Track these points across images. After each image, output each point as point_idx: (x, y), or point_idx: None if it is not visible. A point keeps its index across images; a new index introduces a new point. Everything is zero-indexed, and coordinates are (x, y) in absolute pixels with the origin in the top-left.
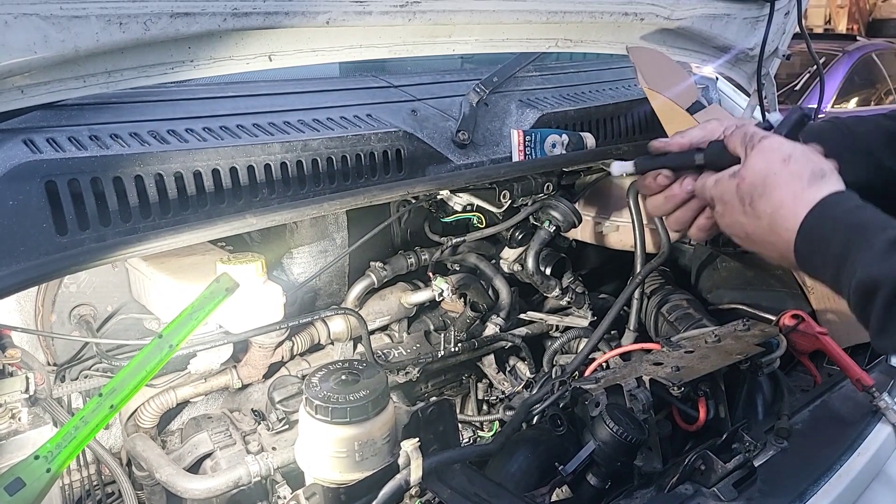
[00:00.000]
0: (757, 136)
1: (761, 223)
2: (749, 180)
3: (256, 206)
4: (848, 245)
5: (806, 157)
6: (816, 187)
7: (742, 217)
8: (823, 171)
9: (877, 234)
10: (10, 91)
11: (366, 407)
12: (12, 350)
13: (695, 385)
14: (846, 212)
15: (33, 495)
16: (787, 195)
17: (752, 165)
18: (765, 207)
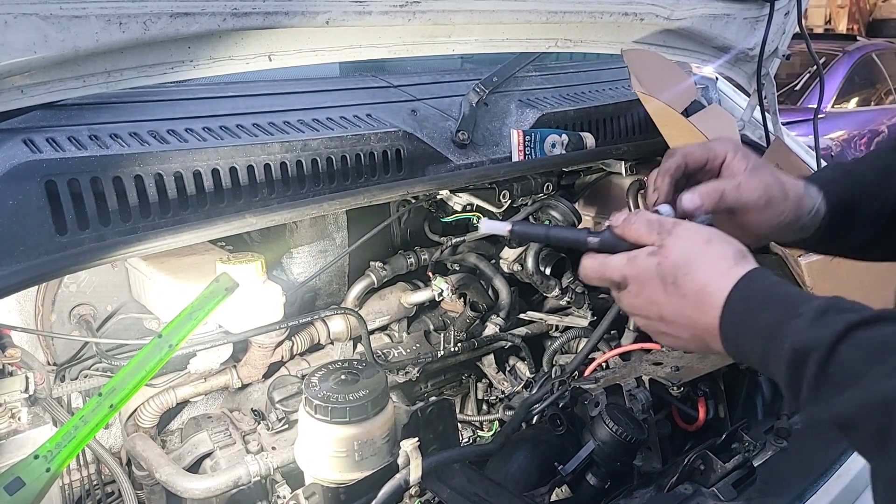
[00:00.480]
0: (668, 222)
1: (686, 301)
2: (672, 259)
3: (256, 205)
4: (776, 315)
5: (725, 240)
6: (741, 265)
7: (662, 296)
8: (744, 251)
9: (804, 303)
10: (10, 91)
11: (365, 407)
12: (12, 350)
13: (694, 385)
14: (771, 285)
15: (33, 495)
16: (713, 272)
17: (673, 246)
18: (691, 286)
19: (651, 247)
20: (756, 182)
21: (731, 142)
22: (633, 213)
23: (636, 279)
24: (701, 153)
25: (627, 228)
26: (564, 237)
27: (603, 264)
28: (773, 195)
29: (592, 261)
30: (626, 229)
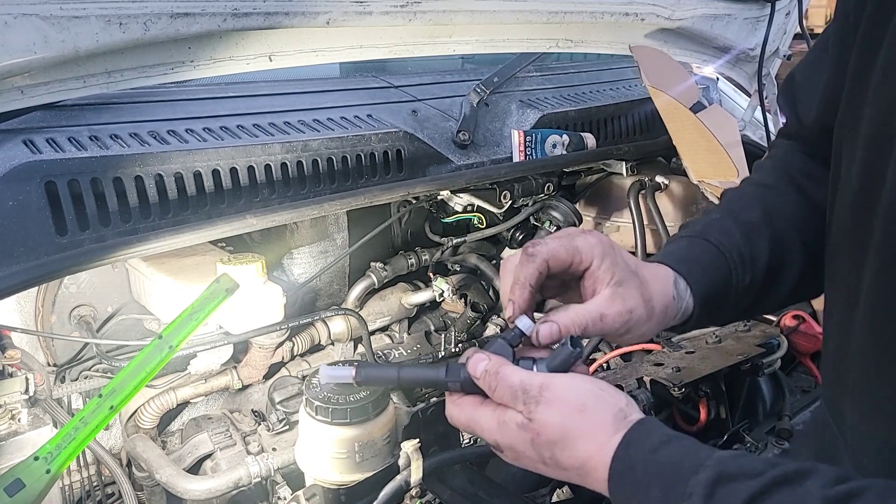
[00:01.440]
0: (534, 387)
1: (569, 473)
2: (545, 436)
3: (257, 206)
4: (664, 493)
5: (601, 401)
6: (621, 429)
7: (543, 467)
8: (622, 409)
9: (691, 477)
10: (10, 91)
11: (366, 408)
12: (12, 351)
13: (696, 386)
14: (653, 451)
15: (33, 496)
16: (592, 447)
17: (545, 420)
18: (570, 462)
19: (520, 416)
20: (619, 308)
21: (598, 243)
22: (493, 368)
23: (510, 448)
24: (565, 255)
25: (489, 389)
26: (418, 378)
27: (472, 420)
28: (637, 319)
29: (459, 411)
30: (488, 390)
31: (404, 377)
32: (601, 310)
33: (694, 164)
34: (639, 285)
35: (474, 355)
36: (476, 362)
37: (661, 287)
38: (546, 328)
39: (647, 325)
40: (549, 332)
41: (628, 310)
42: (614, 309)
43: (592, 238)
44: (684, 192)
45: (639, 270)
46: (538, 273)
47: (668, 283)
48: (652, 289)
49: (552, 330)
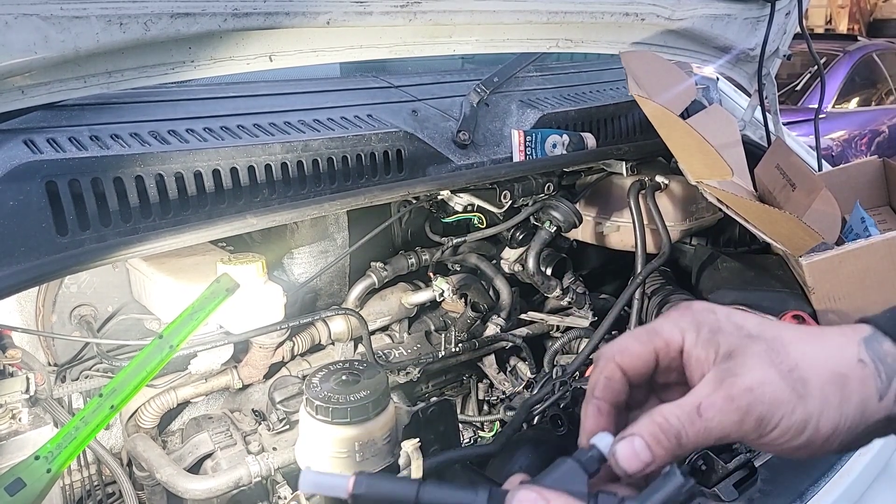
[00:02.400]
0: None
1: None
2: None
3: (257, 206)
4: None
5: None
6: None
7: None
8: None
9: None
10: (11, 91)
11: (366, 407)
12: (13, 350)
13: None
14: None
15: (34, 495)
16: None
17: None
18: None
19: None
20: (729, 391)
21: (687, 313)
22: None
23: None
24: (642, 350)
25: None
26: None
27: None
28: (775, 401)
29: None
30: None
31: (426, 500)
32: (698, 399)
33: (690, 165)
34: (766, 351)
35: (524, 488)
36: (529, 502)
37: (825, 348)
38: (626, 448)
39: (805, 410)
40: (631, 453)
41: (747, 388)
42: (721, 394)
43: (676, 312)
44: (684, 191)
45: (766, 332)
46: (606, 381)
47: (849, 341)
48: (801, 352)
49: (635, 448)
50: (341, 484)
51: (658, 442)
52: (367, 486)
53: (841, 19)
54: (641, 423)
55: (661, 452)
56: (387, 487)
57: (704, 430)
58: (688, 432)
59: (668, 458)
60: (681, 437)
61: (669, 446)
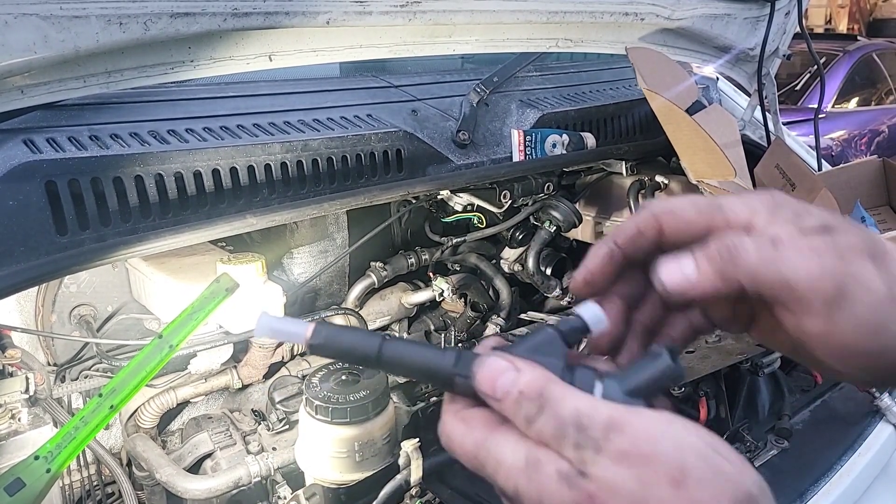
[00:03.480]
0: (594, 425)
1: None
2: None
3: (256, 206)
4: None
5: (714, 471)
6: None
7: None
8: (750, 496)
9: None
10: (10, 91)
11: (366, 407)
12: (12, 350)
13: (696, 385)
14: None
15: (33, 495)
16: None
17: (609, 481)
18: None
19: (564, 463)
20: (823, 247)
21: (757, 194)
22: (535, 385)
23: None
24: (695, 219)
25: (523, 416)
26: (411, 360)
27: (482, 447)
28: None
29: (464, 429)
30: (521, 417)
31: (388, 355)
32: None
33: (692, 164)
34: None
35: (494, 355)
36: (498, 370)
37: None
38: (671, 264)
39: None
40: (675, 267)
41: (839, 254)
42: (805, 242)
43: (745, 192)
44: (684, 191)
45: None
46: (636, 232)
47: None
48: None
49: (680, 262)
50: (299, 331)
51: (710, 259)
52: (327, 336)
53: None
54: (697, 249)
55: (709, 270)
56: (348, 339)
57: (772, 262)
58: (750, 255)
59: (717, 280)
60: (738, 258)
61: (721, 264)
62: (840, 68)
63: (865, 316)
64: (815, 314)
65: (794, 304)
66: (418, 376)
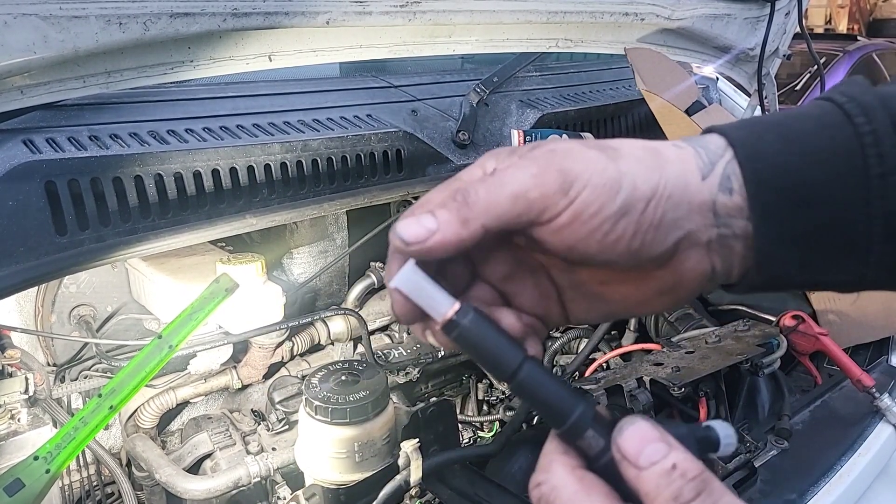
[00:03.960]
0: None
1: None
2: None
3: (256, 206)
4: None
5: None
6: None
7: None
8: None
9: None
10: (10, 91)
11: (366, 407)
12: (12, 350)
13: (695, 385)
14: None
15: (33, 496)
16: None
17: None
18: None
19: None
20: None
21: (488, 153)
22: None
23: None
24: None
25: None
26: (541, 390)
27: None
28: (580, 164)
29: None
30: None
31: (524, 377)
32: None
33: None
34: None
35: (644, 419)
36: (648, 437)
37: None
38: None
39: (618, 168)
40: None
41: (547, 150)
42: (514, 156)
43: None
44: None
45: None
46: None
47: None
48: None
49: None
50: (442, 303)
51: (442, 205)
52: (470, 324)
53: (841, 19)
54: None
55: (446, 216)
56: (491, 340)
57: (497, 185)
58: (477, 188)
59: (456, 224)
60: (469, 194)
61: (456, 206)
62: (840, 68)
63: (600, 182)
64: (566, 214)
65: (537, 214)
66: (542, 411)
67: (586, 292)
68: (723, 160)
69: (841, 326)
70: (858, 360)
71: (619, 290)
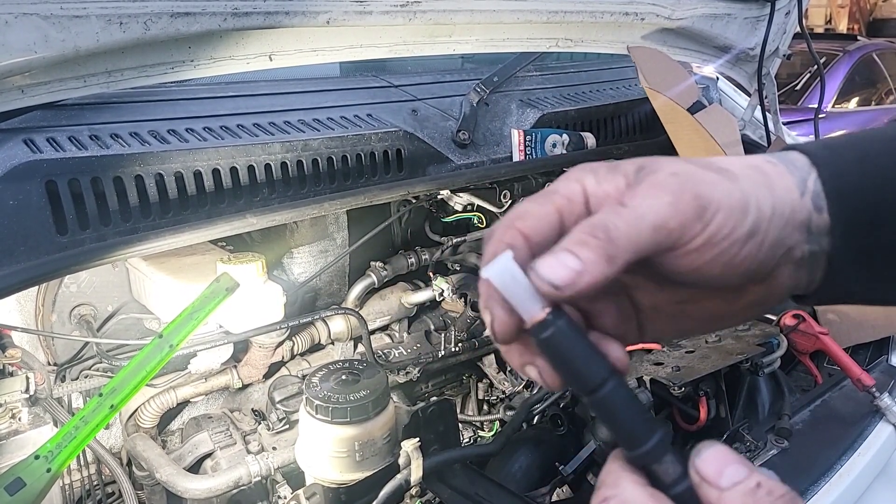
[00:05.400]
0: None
1: None
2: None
3: (257, 205)
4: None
5: None
6: None
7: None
8: None
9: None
10: (11, 91)
11: (366, 407)
12: (12, 350)
13: (695, 385)
14: None
15: (33, 495)
16: None
17: None
18: None
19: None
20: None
21: (578, 168)
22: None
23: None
24: (542, 210)
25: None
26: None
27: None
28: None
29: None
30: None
31: (605, 394)
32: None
33: None
34: (676, 158)
35: (719, 447)
36: (729, 459)
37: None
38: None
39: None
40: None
41: (671, 173)
42: (643, 185)
43: (574, 169)
44: None
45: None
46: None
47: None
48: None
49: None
50: (532, 304)
51: (583, 243)
52: (558, 330)
53: (841, 19)
54: (562, 242)
55: (591, 255)
56: (579, 350)
57: (635, 218)
58: (616, 223)
59: (602, 262)
60: (609, 230)
61: (599, 244)
62: (840, 68)
63: (731, 206)
64: (699, 239)
65: (674, 242)
66: (619, 430)
67: (668, 311)
68: (811, 178)
69: (841, 326)
70: (858, 360)
71: (707, 307)
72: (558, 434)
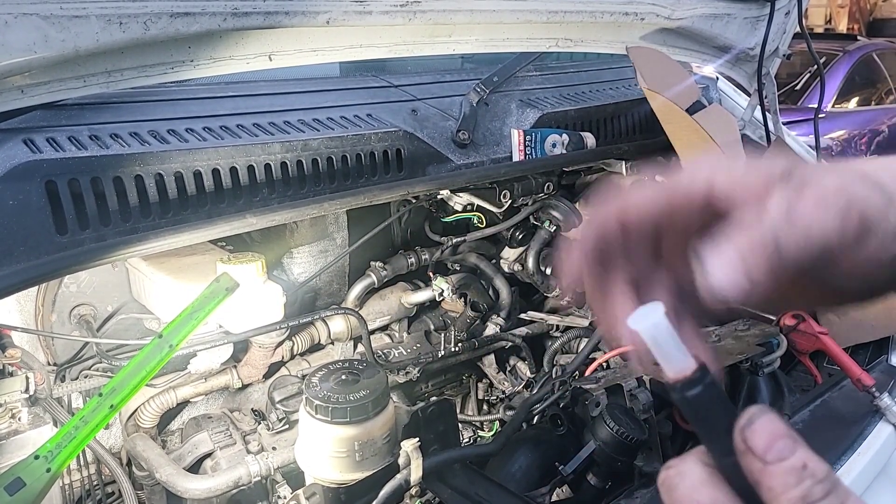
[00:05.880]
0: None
1: None
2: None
3: (256, 205)
4: None
5: None
6: None
7: None
8: None
9: None
10: (10, 91)
11: (366, 407)
12: (12, 350)
13: None
14: None
15: (33, 495)
16: None
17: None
18: None
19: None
20: (826, 194)
21: (706, 161)
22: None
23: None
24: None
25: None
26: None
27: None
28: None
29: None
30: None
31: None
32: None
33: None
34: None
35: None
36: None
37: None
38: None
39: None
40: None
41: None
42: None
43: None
44: None
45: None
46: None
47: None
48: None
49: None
50: (681, 361)
51: (753, 250)
52: (705, 391)
53: (841, 19)
54: (728, 242)
55: (758, 262)
56: (716, 411)
57: (804, 233)
58: (786, 235)
59: (767, 270)
60: (779, 239)
61: (767, 252)
62: (840, 68)
63: (887, 229)
64: (851, 255)
65: (830, 259)
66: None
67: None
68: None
69: (841, 326)
70: (858, 360)
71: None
72: (558, 434)
